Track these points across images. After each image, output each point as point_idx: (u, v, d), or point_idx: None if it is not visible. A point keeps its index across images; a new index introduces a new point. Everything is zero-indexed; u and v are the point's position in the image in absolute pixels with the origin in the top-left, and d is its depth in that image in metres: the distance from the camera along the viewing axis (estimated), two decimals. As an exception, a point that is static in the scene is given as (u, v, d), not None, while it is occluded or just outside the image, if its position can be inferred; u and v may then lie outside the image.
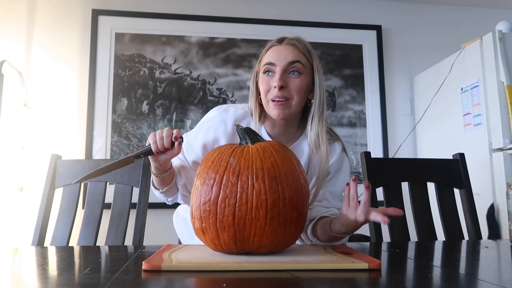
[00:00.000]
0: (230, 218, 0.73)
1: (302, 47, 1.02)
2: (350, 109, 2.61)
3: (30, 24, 2.38)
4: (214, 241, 0.76)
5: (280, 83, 0.97)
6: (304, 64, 1.01)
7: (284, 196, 0.76)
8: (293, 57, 0.99)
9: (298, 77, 1.00)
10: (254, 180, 0.75)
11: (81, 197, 1.43)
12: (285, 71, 0.99)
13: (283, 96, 0.98)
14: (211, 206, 0.75)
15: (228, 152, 0.80)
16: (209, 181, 0.76)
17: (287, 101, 0.99)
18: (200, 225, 0.77)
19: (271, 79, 1.00)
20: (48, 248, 0.99)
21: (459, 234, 1.31)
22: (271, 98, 0.99)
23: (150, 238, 1.59)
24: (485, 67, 2.03)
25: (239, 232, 0.74)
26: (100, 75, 2.38)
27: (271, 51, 1.02)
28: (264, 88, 1.00)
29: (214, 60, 2.47)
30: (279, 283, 0.61)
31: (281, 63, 0.99)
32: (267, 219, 0.74)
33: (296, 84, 0.99)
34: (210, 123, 1.09)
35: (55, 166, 1.35)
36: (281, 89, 0.97)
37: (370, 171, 1.33)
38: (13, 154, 2.13)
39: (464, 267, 0.76)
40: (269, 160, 0.78)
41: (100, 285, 0.58)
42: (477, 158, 2.02)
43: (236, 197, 0.74)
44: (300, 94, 1.00)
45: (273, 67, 1.00)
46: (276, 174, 0.76)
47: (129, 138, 2.36)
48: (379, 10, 2.76)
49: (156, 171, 1.01)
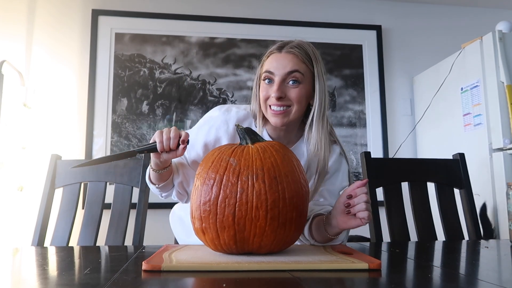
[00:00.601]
0: (230, 218, 0.73)
1: (302, 55, 1.01)
2: (350, 109, 2.61)
3: (30, 24, 2.38)
4: (214, 241, 0.76)
5: (278, 93, 0.97)
6: (303, 73, 1.00)
7: (284, 196, 0.75)
8: (291, 67, 0.98)
9: (297, 86, 0.99)
10: (254, 180, 0.75)
11: (81, 197, 1.43)
12: (283, 80, 0.99)
13: (282, 105, 0.99)
14: (211, 206, 0.75)
15: (228, 152, 0.80)
16: (209, 181, 0.76)
17: (287, 109, 1.00)
18: (200, 225, 0.77)
19: (270, 87, 1.00)
20: (48, 248, 0.99)
21: (459, 234, 1.31)
22: (270, 105, 1.00)
23: (150, 238, 1.60)
24: (485, 67, 2.03)
25: (239, 232, 0.74)
26: (100, 75, 2.38)
27: (271, 59, 1.02)
28: (263, 95, 1.01)
29: (214, 60, 2.47)
30: (279, 283, 0.61)
31: (279, 72, 0.98)
32: (267, 219, 0.74)
33: (294, 93, 0.99)
34: (212, 122, 1.09)
35: (55, 166, 1.35)
36: (279, 99, 0.98)
37: (370, 171, 1.33)
38: (13, 154, 2.13)
39: (464, 267, 0.76)
40: (269, 160, 0.78)
41: (100, 285, 0.58)
42: (477, 158, 2.02)
43: (236, 197, 0.74)
44: (299, 103, 1.00)
45: (272, 75, 1.00)
46: (276, 174, 0.76)
47: (129, 138, 2.36)
48: (379, 10, 2.76)
49: (156, 167, 1.01)
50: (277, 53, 1.01)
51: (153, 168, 1.01)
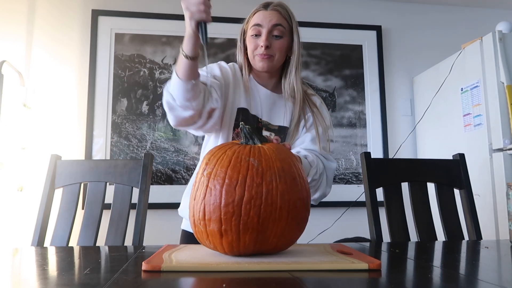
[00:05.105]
0: (255, 220, 0.72)
1: (284, 13, 1.20)
2: (350, 110, 2.61)
3: (30, 24, 2.38)
4: (233, 243, 0.74)
5: (266, 43, 1.16)
6: (285, 27, 1.20)
7: (301, 197, 0.77)
8: (276, 21, 1.18)
9: (280, 39, 1.19)
10: (278, 180, 0.75)
11: (81, 198, 1.43)
12: (269, 32, 1.18)
13: (268, 53, 1.18)
14: (235, 208, 0.72)
15: (245, 152, 0.78)
16: (232, 182, 0.74)
17: (271, 57, 1.19)
18: (218, 227, 0.73)
19: (258, 39, 1.19)
20: (48, 248, 0.99)
21: (459, 234, 1.31)
22: (258, 54, 1.18)
23: (150, 238, 1.59)
24: (485, 67, 2.03)
25: (261, 233, 0.73)
26: (100, 76, 2.38)
27: (258, 15, 1.20)
28: (252, 47, 1.20)
29: (214, 60, 2.44)
30: (279, 283, 0.61)
31: (266, 25, 1.17)
32: (288, 220, 0.74)
33: (278, 44, 1.19)
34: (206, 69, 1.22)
35: (55, 166, 1.35)
36: (266, 48, 1.17)
37: (370, 171, 1.33)
38: (13, 154, 2.13)
39: (464, 267, 0.76)
40: (287, 161, 0.79)
41: (100, 285, 0.58)
42: (477, 158, 2.02)
43: (262, 198, 0.73)
44: (281, 52, 1.20)
45: (260, 28, 1.18)
46: (295, 174, 0.78)
47: (129, 139, 2.36)
48: (379, 10, 2.76)
49: (194, 48, 1.01)
50: (263, 10, 1.20)
51: (189, 55, 1.01)
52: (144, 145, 2.37)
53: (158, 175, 2.36)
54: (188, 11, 0.96)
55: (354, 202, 2.47)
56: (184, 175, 2.37)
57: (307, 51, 2.57)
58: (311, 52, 2.58)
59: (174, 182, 2.36)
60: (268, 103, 1.25)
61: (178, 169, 2.38)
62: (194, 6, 0.95)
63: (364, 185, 1.35)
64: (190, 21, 0.97)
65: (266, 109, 1.25)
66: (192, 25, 0.97)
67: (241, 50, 1.26)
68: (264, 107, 1.25)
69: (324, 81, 2.60)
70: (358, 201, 2.46)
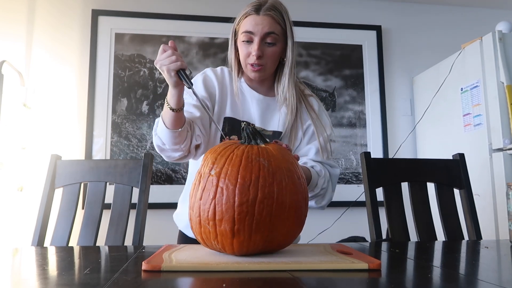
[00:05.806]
0: (268, 219, 0.73)
1: (277, 16, 1.13)
2: (350, 110, 2.61)
3: (30, 24, 2.38)
4: (244, 243, 0.74)
5: (258, 52, 1.11)
6: (279, 34, 1.14)
7: (304, 196, 0.79)
8: (268, 28, 1.11)
9: (273, 46, 1.14)
10: (286, 180, 0.76)
11: (81, 197, 1.43)
12: (262, 40, 1.12)
13: (260, 63, 1.13)
14: (249, 207, 0.72)
15: (254, 152, 0.78)
16: (245, 181, 0.74)
17: (262, 67, 1.14)
18: (231, 227, 0.73)
19: (250, 46, 1.13)
20: (48, 248, 0.99)
21: (459, 234, 1.31)
22: (250, 63, 1.14)
23: (150, 238, 1.59)
24: (485, 67, 2.03)
25: (271, 232, 0.74)
26: (100, 75, 2.38)
27: (250, 20, 1.13)
28: (244, 54, 1.15)
29: (214, 60, 2.47)
30: (279, 283, 0.61)
31: (258, 33, 1.11)
32: (295, 218, 0.76)
33: (271, 52, 1.14)
34: (196, 79, 1.22)
35: (55, 166, 1.35)
36: (258, 58, 1.12)
37: (370, 171, 1.33)
38: (13, 154, 2.13)
39: (464, 267, 0.76)
40: (290, 161, 0.80)
41: (100, 285, 0.58)
42: (477, 158, 2.02)
43: (274, 197, 0.74)
44: (274, 59, 1.16)
45: (251, 35, 1.12)
46: (298, 174, 0.79)
47: (129, 139, 2.36)
48: (379, 10, 2.76)
49: (178, 101, 1.00)
50: (255, 14, 1.13)
51: (174, 108, 1.00)
52: (144, 145, 2.37)
53: (158, 175, 2.36)
54: (164, 67, 0.96)
55: (354, 202, 2.47)
56: (184, 175, 2.37)
57: (307, 51, 2.57)
58: (311, 52, 2.58)
59: (174, 182, 2.36)
60: (261, 107, 1.21)
61: (178, 169, 2.38)
62: (166, 60, 0.96)
63: (364, 185, 1.35)
64: (169, 74, 0.97)
65: (259, 114, 1.21)
66: (173, 77, 0.97)
67: (232, 50, 1.21)
68: (257, 112, 1.21)
69: (324, 81, 2.60)
70: (358, 201, 2.46)
